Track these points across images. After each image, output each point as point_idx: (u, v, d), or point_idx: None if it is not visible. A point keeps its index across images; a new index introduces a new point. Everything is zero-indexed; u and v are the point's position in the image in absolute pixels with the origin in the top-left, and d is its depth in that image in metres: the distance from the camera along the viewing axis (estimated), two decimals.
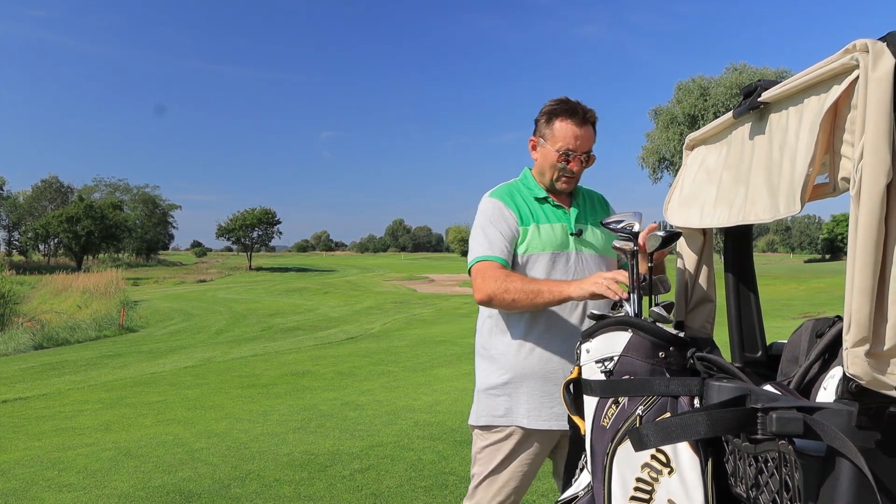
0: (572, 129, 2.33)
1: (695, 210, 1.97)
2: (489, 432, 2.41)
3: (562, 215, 2.42)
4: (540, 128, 2.42)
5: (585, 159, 2.38)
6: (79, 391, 8.81)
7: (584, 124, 2.35)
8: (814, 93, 1.45)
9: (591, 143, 2.38)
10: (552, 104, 2.39)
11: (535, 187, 2.46)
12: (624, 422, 1.79)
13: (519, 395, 2.36)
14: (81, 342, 17.07)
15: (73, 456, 5.29)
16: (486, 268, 2.31)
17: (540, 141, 2.41)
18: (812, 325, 1.77)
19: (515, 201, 2.42)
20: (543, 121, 2.40)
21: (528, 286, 2.22)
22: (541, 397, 2.34)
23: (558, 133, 2.35)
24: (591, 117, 2.37)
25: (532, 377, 2.35)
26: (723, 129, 1.92)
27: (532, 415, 2.34)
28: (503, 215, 2.39)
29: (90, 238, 61.91)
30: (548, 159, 2.38)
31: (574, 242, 2.40)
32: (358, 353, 11.91)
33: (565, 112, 2.35)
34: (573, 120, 2.33)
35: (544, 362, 2.35)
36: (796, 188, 1.42)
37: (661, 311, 1.86)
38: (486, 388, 2.44)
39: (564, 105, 2.36)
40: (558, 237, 2.38)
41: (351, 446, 5.33)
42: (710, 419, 1.33)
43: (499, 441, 2.39)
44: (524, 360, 2.36)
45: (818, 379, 1.62)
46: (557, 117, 2.36)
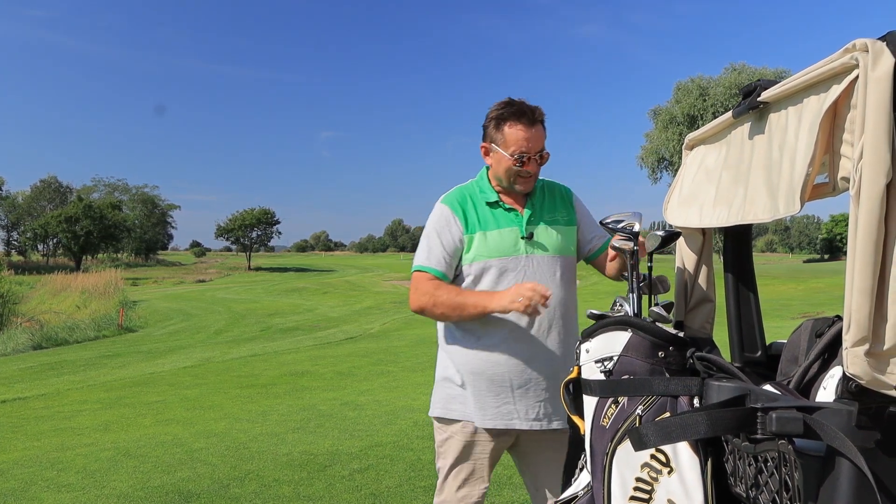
0: (523, 131, 2.31)
1: (694, 210, 1.97)
2: (445, 424, 2.46)
3: (513, 219, 2.40)
4: (490, 133, 2.39)
5: (539, 159, 2.37)
6: (78, 391, 8.81)
7: (534, 124, 2.33)
8: (813, 92, 1.45)
9: (542, 141, 2.37)
10: (498, 108, 2.36)
11: (488, 190, 2.43)
12: (623, 421, 1.79)
13: (468, 391, 2.40)
14: (80, 342, 17.07)
15: (72, 456, 5.29)
16: (420, 279, 2.38)
17: (492, 146, 2.39)
18: (811, 324, 1.77)
19: (465, 208, 2.41)
20: (492, 126, 2.38)
21: (454, 300, 2.29)
22: (486, 397, 2.36)
23: (510, 137, 2.32)
24: (539, 116, 2.35)
25: (479, 376, 2.37)
26: (722, 129, 1.91)
27: (479, 413, 2.37)
28: (448, 224, 2.40)
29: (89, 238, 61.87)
30: (502, 164, 2.36)
31: (525, 246, 2.37)
32: (357, 353, 11.91)
33: (513, 115, 2.33)
34: (522, 122, 2.32)
35: (492, 364, 2.36)
36: (796, 188, 1.42)
37: (661, 311, 1.86)
38: (442, 379, 2.48)
39: (511, 108, 2.34)
40: (507, 243, 2.37)
41: (350, 446, 5.33)
42: (710, 419, 1.32)
43: (454, 434, 2.43)
44: (473, 359, 2.38)
45: (818, 379, 1.62)
46: (506, 121, 2.34)
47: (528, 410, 2.35)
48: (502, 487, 4.16)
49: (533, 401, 2.35)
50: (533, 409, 2.35)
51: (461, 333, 2.41)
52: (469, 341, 2.39)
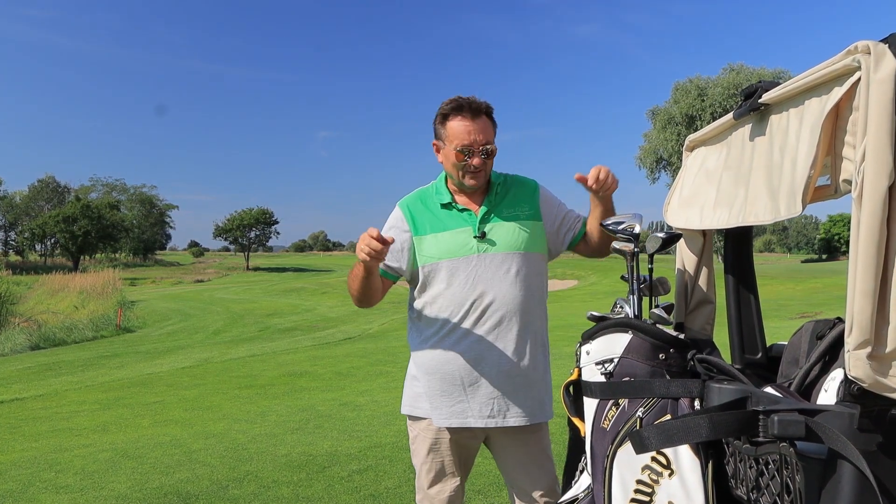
0: (465, 124, 2.31)
1: (695, 211, 1.96)
2: (414, 422, 2.50)
3: (466, 219, 2.40)
4: (437, 130, 2.41)
5: (487, 152, 2.34)
6: (76, 392, 8.79)
7: (477, 117, 2.32)
8: (815, 94, 1.45)
9: (488, 133, 2.35)
10: (443, 105, 2.38)
11: (443, 192, 2.45)
12: (624, 424, 1.79)
13: (426, 391, 2.43)
14: (78, 342, 17.05)
15: (71, 457, 5.28)
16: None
17: (440, 143, 2.40)
18: (812, 326, 1.77)
19: (416, 211, 2.45)
20: (438, 122, 2.40)
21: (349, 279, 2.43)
22: (440, 396, 2.38)
23: (452, 131, 2.33)
24: (483, 108, 2.34)
25: (432, 375, 2.40)
26: (723, 131, 1.91)
27: (435, 413, 2.40)
28: (395, 225, 2.47)
29: (87, 238, 61.81)
30: (449, 159, 2.36)
31: (477, 245, 2.37)
32: (356, 353, 11.90)
33: (455, 109, 2.34)
34: (463, 115, 2.32)
35: (443, 362, 2.37)
36: (797, 190, 1.41)
37: (661, 313, 1.85)
38: (408, 377, 2.54)
39: (454, 103, 2.35)
40: (458, 243, 2.37)
41: (349, 447, 5.32)
42: (712, 422, 1.32)
43: (421, 432, 2.47)
44: (426, 358, 2.41)
45: (819, 381, 1.62)
46: (448, 117, 2.35)
47: (482, 408, 2.35)
48: (501, 488, 4.15)
49: (486, 398, 2.35)
50: (486, 406, 2.36)
51: (417, 333, 2.47)
52: (422, 340, 2.43)
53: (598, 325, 1.90)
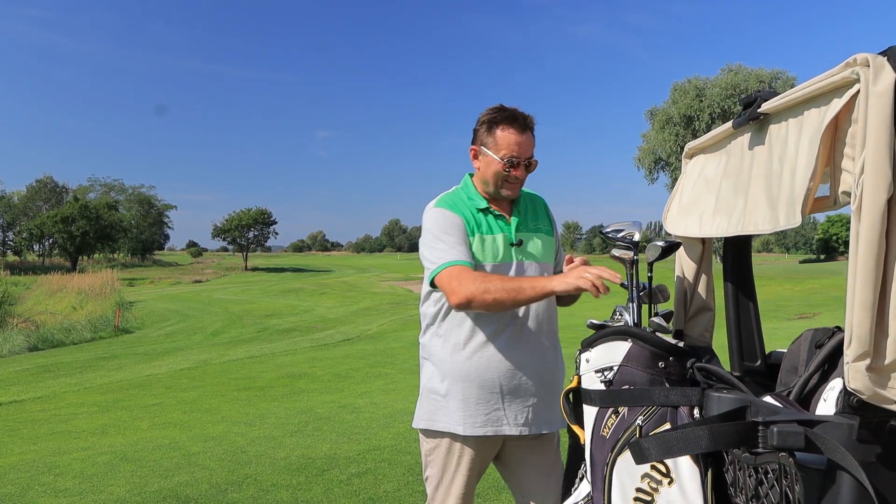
0: (514, 136, 2.32)
1: (694, 219, 1.97)
2: (430, 437, 2.42)
3: (503, 225, 2.41)
4: (480, 137, 2.39)
5: (528, 165, 2.37)
6: (74, 394, 8.79)
7: (525, 131, 2.34)
8: (814, 105, 1.45)
9: (532, 148, 2.38)
10: (491, 112, 2.37)
11: (476, 197, 2.43)
12: (624, 432, 1.79)
13: (455, 401, 2.35)
14: (76, 343, 17.04)
15: (69, 460, 5.27)
16: (460, 271, 2.26)
17: (482, 150, 2.39)
18: (811, 335, 1.77)
19: (462, 211, 2.41)
20: (484, 129, 2.38)
21: (508, 284, 2.20)
22: (476, 404, 2.33)
23: (501, 141, 2.33)
24: (531, 123, 2.37)
25: (468, 383, 2.33)
26: (722, 139, 1.92)
27: (468, 422, 2.33)
28: (455, 223, 2.37)
29: (85, 238, 61.72)
30: (491, 167, 2.35)
31: (515, 253, 2.38)
32: (354, 354, 11.91)
33: (506, 120, 2.33)
34: (514, 127, 2.32)
35: (482, 369, 2.33)
36: (796, 200, 1.42)
37: (661, 322, 1.86)
38: (427, 391, 2.44)
39: (504, 113, 2.35)
40: (500, 249, 2.37)
41: (348, 450, 5.32)
42: (712, 433, 1.33)
43: (439, 446, 2.40)
44: (461, 365, 2.34)
45: (818, 390, 1.62)
46: (498, 125, 2.34)
47: (518, 415, 2.33)
48: (500, 492, 4.15)
49: (522, 405, 2.34)
50: (522, 413, 2.34)
51: (448, 341, 2.38)
52: (457, 348, 2.36)
53: (597, 333, 1.90)
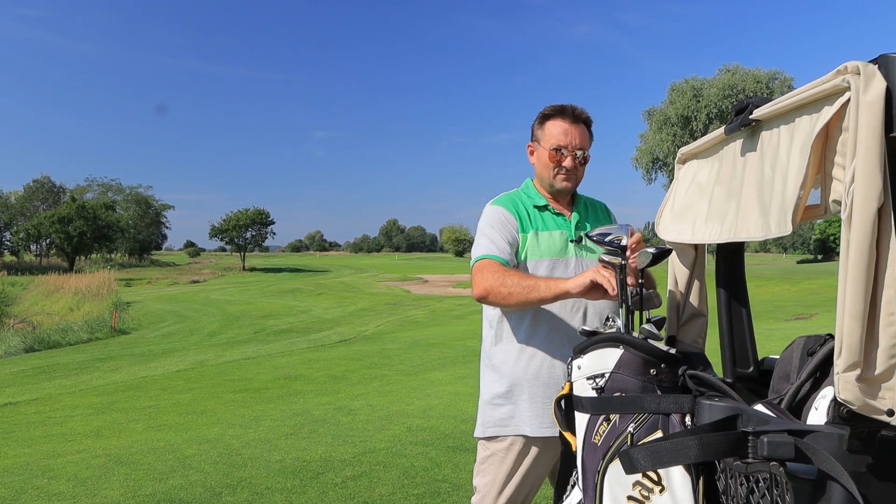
0: (562, 125, 2.38)
1: (687, 225, 1.96)
2: (492, 442, 2.39)
3: (562, 222, 2.43)
4: (534, 132, 2.48)
5: (580, 157, 2.40)
6: (70, 396, 8.77)
7: (576, 122, 2.39)
8: (805, 112, 1.44)
9: (584, 140, 2.41)
10: (546, 109, 2.46)
11: (535, 196, 2.48)
12: (615, 439, 1.78)
13: (521, 402, 2.34)
14: (73, 345, 16.99)
15: (63, 463, 5.25)
16: (486, 265, 2.32)
17: (535, 144, 2.47)
18: (804, 342, 1.76)
19: (517, 208, 2.44)
20: (537, 124, 2.47)
21: (524, 281, 2.21)
22: (543, 404, 2.31)
23: (549, 131, 2.40)
24: (583, 116, 2.42)
25: (534, 384, 2.33)
26: (714, 145, 1.91)
27: (535, 422, 2.32)
28: (505, 219, 2.40)
29: (82, 239, 61.58)
30: (542, 159, 2.42)
31: (574, 249, 2.40)
32: (351, 356, 11.89)
33: (555, 112, 2.42)
34: (563, 118, 2.39)
35: (547, 368, 2.33)
36: (787, 209, 1.41)
37: (652, 329, 1.84)
38: (490, 399, 2.42)
39: (556, 107, 2.43)
40: (558, 244, 2.39)
41: (343, 453, 5.31)
42: (701, 443, 1.32)
43: (502, 450, 2.37)
44: (525, 366, 2.34)
45: (809, 398, 1.62)
46: (549, 118, 2.43)
47: None
48: None
49: None
50: None
51: (510, 343, 2.38)
52: (520, 350, 2.36)
53: (589, 339, 1.89)
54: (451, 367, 9.92)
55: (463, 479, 4.60)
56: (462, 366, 10.00)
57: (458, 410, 6.82)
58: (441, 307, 23.98)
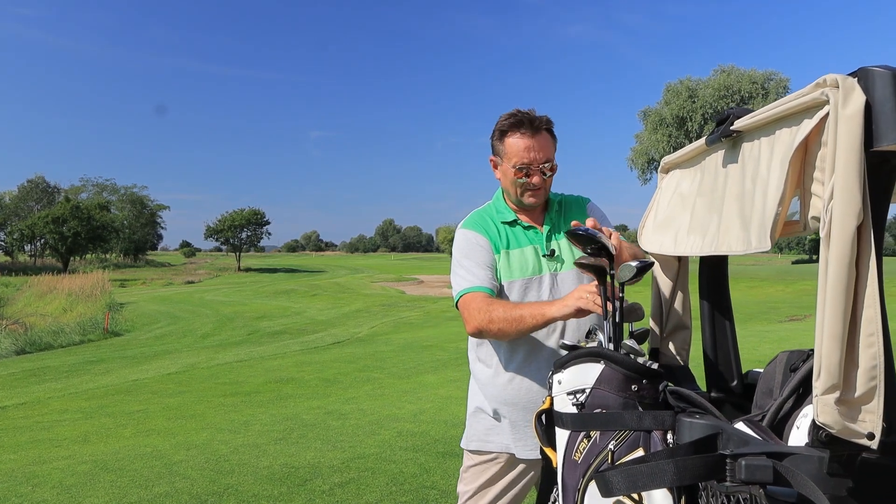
0: (524, 141, 2.23)
1: (669, 236, 1.92)
2: (478, 454, 2.36)
3: (533, 236, 2.35)
4: (495, 146, 2.34)
5: (547, 169, 2.28)
6: (59, 399, 8.70)
7: (537, 133, 2.24)
8: (785, 125, 1.41)
9: (548, 151, 2.27)
10: (501, 120, 2.29)
11: (504, 210, 2.38)
12: (595, 457, 1.74)
13: (504, 422, 2.31)
14: (65, 347, 16.90)
15: (49, 470, 5.20)
16: (470, 300, 2.23)
17: (497, 160, 2.34)
18: (787, 357, 1.73)
19: (486, 228, 2.36)
20: (496, 139, 2.32)
21: (510, 313, 2.13)
22: (525, 427, 2.27)
23: (511, 149, 2.26)
24: (544, 124, 2.26)
25: (513, 408, 2.29)
26: (696, 155, 1.87)
27: (519, 444, 2.29)
28: (478, 244, 2.32)
29: (77, 239, 61.36)
30: (507, 177, 2.30)
31: (546, 264, 2.32)
32: (343, 358, 11.84)
33: (514, 126, 2.25)
34: (523, 131, 2.23)
35: (524, 392, 2.28)
36: (767, 224, 1.37)
37: (633, 345, 1.81)
38: (473, 412, 2.40)
39: (513, 119, 2.26)
40: (529, 262, 2.31)
41: (332, 458, 5.27)
42: (678, 467, 1.28)
43: (486, 462, 2.34)
44: (503, 389, 2.30)
45: (791, 415, 1.58)
46: (507, 133, 2.27)
47: None
48: None
49: None
50: None
51: (489, 365, 2.34)
52: (497, 372, 2.32)
53: (569, 354, 1.85)
54: (443, 370, 9.89)
55: (451, 485, 4.56)
56: (454, 369, 9.96)
57: (449, 415, 6.78)
58: (435, 308, 23.94)
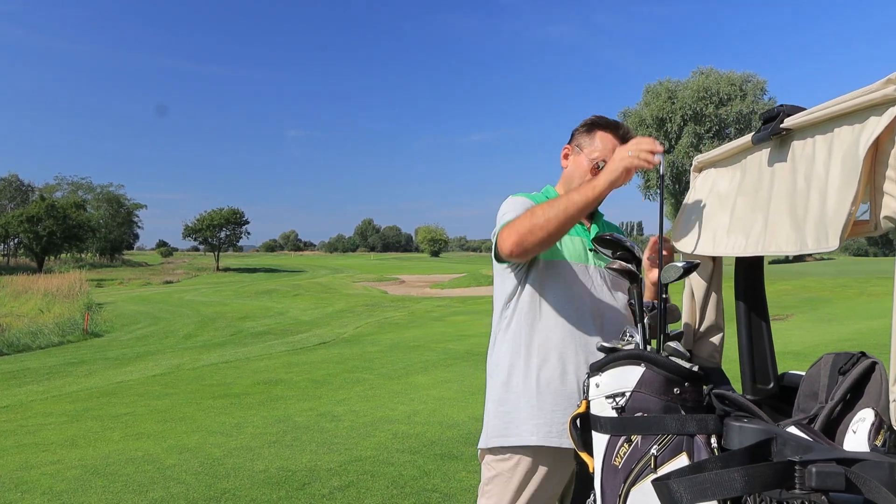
0: (613, 141, 2.31)
1: (707, 237, 1.89)
2: (498, 461, 2.23)
3: (580, 230, 2.34)
4: (577, 137, 2.39)
5: None
6: (42, 402, 8.51)
7: (624, 142, 2.30)
8: (846, 122, 1.38)
9: None
10: (595, 117, 2.39)
11: None
12: (637, 462, 1.70)
13: (527, 408, 2.19)
14: (44, 348, 16.56)
15: (37, 475, 5.06)
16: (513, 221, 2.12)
17: (575, 150, 2.38)
18: (832, 359, 1.70)
19: (537, 200, 2.33)
20: (583, 130, 2.38)
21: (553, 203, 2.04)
22: (552, 412, 2.16)
23: (598, 143, 2.32)
24: (630, 136, 2.33)
25: (541, 390, 2.18)
26: (736, 153, 1.84)
27: (541, 431, 2.16)
28: (528, 204, 2.26)
29: (52, 238, 60.29)
30: (580, 168, 2.33)
31: (592, 257, 2.29)
32: (331, 359, 11.73)
33: (608, 126, 2.35)
34: (615, 134, 2.33)
35: (557, 375, 2.18)
36: (833, 224, 1.34)
37: (678, 346, 1.77)
38: (494, 406, 2.28)
39: (607, 119, 2.37)
40: (578, 249, 2.29)
41: (329, 461, 5.19)
42: (748, 476, 1.24)
43: (508, 470, 2.20)
44: (534, 372, 2.20)
45: (842, 419, 1.55)
46: (599, 128, 2.35)
47: None
48: None
49: None
50: None
51: (518, 347, 2.24)
52: (528, 353, 2.22)
53: (608, 356, 1.81)
54: (433, 370, 9.82)
55: (453, 488, 4.51)
56: (444, 369, 9.91)
57: (444, 416, 6.73)
58: (420, 308, 23.86)
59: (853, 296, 21.62)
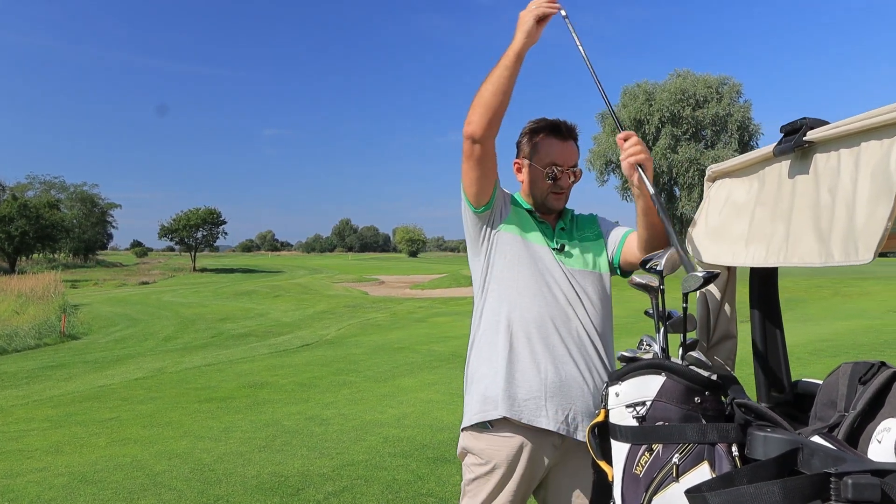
0: (557, 144, 2.30)
1: (725, 246, 1.90)
2: (476, 465, 2.18)
3: (545, 229, 2.32)
4: (523, 148, 2.37)
5: (575, 174, 2.34)
6: (23, 408, 8.36)
7: (567, 139, 2.32)
8: (873, 137, 1.40)
9: (575, 157, 2.34)
10: (532, 123, 2.36)
11: (522, 203, 2.38)
12: (659, 471, 1.71)
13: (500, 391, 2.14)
14: (20, 351, 16.24)
15: (24, 483, 4.97)
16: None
17: (524, 161, 2.35)
18: (851, 368, 1.72)
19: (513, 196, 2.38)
20: (526, 140, 2.36)
21: (488, 76, 2.11)
22: (518, 387, 2.12)
23: (544, 149, 2.30)
24: (573, 132, 2.35)
25: (511, 382, 2.14)
26: (754, 164, 1.86)
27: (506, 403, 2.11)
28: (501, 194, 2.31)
29: (24, 238, 59.21)
30: (535, 178, 2.32)
31: (556, 256, 2.26)
32: (316, 361, 11.66)
33: (547, 129, 2.32)
34: (556, 136, 2.31)
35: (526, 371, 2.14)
36: (863, 237, 1.36)
37: (699, 356, 1.78)
38: (476, 378, 2.22)
39: (545, 122, 2.34)
40: (540, 236, 2.29)
41: (321, 466, 5.16)
42: (786, 489, 1.25)
43: (485, 475, 2.15)
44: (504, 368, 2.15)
45: (865, 429, 1.57)
46: (539, 135, 2.32)
47: (558, 411, 2.11)
48: None
49: (564, 402, 2.12)
50: (563, 410, 2.11)
51: (484, 357, 2.21)
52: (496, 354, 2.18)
53: (628, 365, 1.82)
54: (419, 372, 9.81)
55: (448, 492, 4.51)
56: (430, 371, 9.90)
57: (433, 419, 6.72)
58: (402, 309, 23.80)
59: (828, 296, 21.95)
